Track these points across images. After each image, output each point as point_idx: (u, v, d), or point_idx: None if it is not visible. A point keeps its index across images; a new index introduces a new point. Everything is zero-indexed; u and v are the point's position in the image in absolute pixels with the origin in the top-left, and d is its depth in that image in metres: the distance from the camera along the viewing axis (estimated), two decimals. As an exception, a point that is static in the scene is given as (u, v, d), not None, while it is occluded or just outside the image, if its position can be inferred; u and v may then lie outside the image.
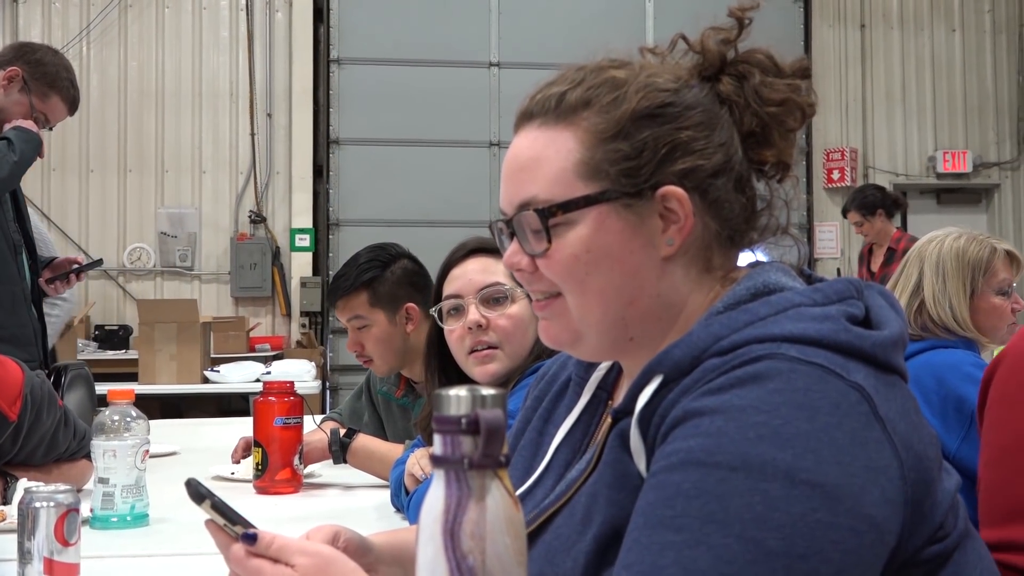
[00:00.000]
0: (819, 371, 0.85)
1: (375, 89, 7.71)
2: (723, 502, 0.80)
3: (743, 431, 0.82)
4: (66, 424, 2.10)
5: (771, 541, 0.79)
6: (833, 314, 0.90)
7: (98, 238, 7.72)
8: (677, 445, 0.85)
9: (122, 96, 7.77)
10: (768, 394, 0.83)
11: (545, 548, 0.96)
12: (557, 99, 1.00)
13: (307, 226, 7.80)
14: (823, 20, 8.55)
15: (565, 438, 1.08)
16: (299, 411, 2.24)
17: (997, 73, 8.80)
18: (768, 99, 1.00)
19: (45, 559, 1.31)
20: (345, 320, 2.55)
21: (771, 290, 0.95)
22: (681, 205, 0.97)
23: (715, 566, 0.78)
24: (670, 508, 0.81)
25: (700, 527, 0.79)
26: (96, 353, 6.82)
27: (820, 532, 0.80)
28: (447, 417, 0.71)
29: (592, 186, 0.97)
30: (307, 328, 7.62)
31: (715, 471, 0.81)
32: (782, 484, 0.80)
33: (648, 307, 0.98)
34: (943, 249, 2.34)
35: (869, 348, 0.89)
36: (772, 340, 0.87)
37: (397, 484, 1.98)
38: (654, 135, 0.97)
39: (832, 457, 0.82)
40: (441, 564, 0.69)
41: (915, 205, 8.87)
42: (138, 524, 1.84)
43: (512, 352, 1.84)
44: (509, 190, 1.02)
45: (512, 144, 1.04)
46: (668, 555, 0.79)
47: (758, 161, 1.02)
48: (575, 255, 0.97)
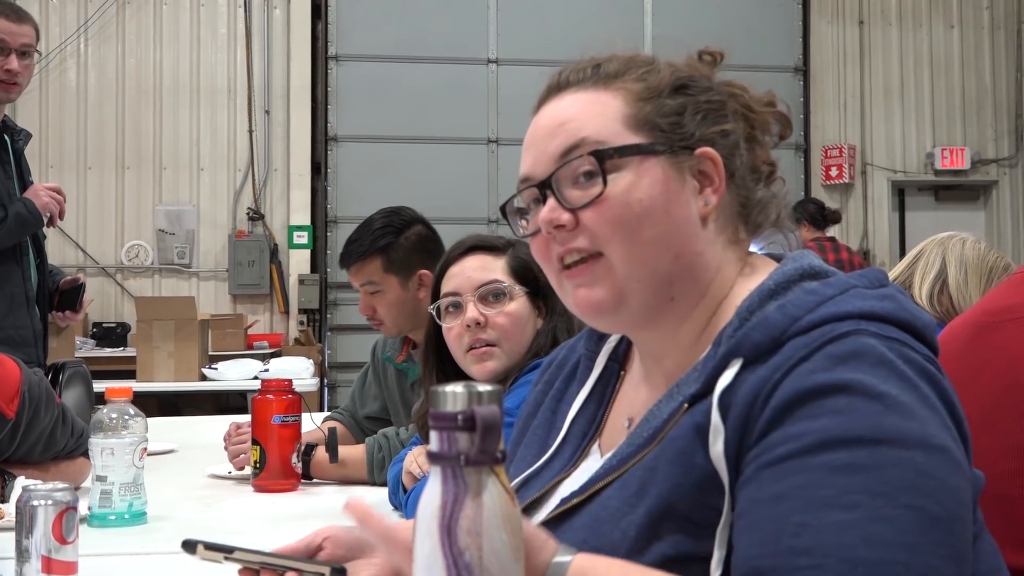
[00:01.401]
0: (899, 346, 0.89)
1: (373, 86, 7.70)
2: (880, 475, 0.81)
3: (870, 405, 0.84)
4: (64, 422, 2.10)
5: (932, 507, 0.81)
6: (889, 294, 0.94)
7: (96, 235, 7.72)
8: (806, 426, 0.85)
9: (120, 93, 7.77)
10: (872, 367, 0.86)
11: (591, 518, 0.96)
12: (592, 68, 1.03)
13: (305, 223, 7.80)
14: (822, 16, 8.55)
15: (580, 411, 1.09)
16: (297, 409, 2.24)
17: (995, 70, 8.81)
18: (757, 109, 1.06)
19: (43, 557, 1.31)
20: (358, 285, 2.55)
21: (817, 273, 0.98)
22: (716, 167, 1.00)
23: (899, 537, 0.79)
24: (831, 487, 0.81)
25: (871, 502, 0.80)
26: (94, 351, 6.82)
27: (959, 494, 0.84)
28: (443, 414, 0.71)
29: (642, 136, 0.99)
30: (305, 325, 7.62)
31: (860, 446, 0.82)
32: (922, 451, 0.83)
33: (691, 264, 0.99)
34: (966, 248, 2.50)
35: (921, 327, 0.93)
36: (850, 317, 0.90)
37: (395, 482, 1.98)
38: (691, 100, 1.02)
39: (941, 423, 0.86)
40: (438, 560, 0.69)
41: (913, 202, 8.87)
42: (136, 522, 1.84)
43: (510, 349, 1.84)
44: (546, 148, 1.01)
45: (540, 114, 1.04)
46: (851, 534, 0.79)
47: (751, 164, 1.05)
48: (627, 202, 0.97)
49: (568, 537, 0.96)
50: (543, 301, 1.87)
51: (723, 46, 1.09)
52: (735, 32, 7.50)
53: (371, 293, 2.53)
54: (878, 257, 8.48)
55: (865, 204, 8.62)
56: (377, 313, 2.54)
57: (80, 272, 7.60)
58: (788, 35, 8.30)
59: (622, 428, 1.05)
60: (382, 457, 2.27)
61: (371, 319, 2.57)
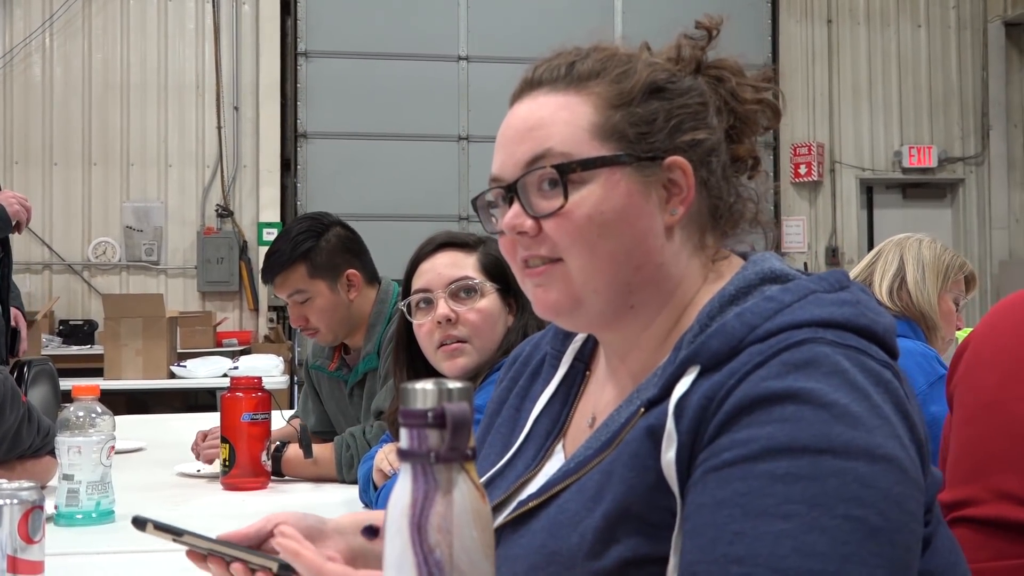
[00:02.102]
0: (855, 353, 0.88)
1: (343, 83, 7.68)
2: (820, 485, 0.81)
3: (817, 414, 0.84)
4: (30, 420, 2.07)
5: (873, 517, 0.81)
6: (848, 299, 0.93)
7: (62, 232, 7.64)
8: (753, 432, 0.85)
9: (86, 89, 7.69)
10: (825, 376, 0.86)
11: (549, 522, 0.96)
12: (567, 67, 1.01)
13: (275, 220, 7.76)
14: (790, 16, 8.61)
15: (544, 410, 1.09)
16: (267, 407, 2.23)
17: (962, 69, 8.90)
18: (744, 99, 1.04)
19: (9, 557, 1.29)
20: (286, 296, 2.51)
21: (777, 276, 0.97)
22: (685, 176, 0.99)
23: (833, 548, 0.79)
24: (770, 496, 0.82)
25: (807, 512, 0.80)
26: (61, 348, 6.76)
27: (903, 503, 0.83)
28: (413, 411, 0.70)
29: (608, 148, 0.98)
30: (275, 323, 7.59)
31: (804, 456, 0.82)
32: (866, 462, 0.82)
33: (651, 275, 0.99)
34: (923, 247, 2.57)
35: (881, 332, 0.92)
36: (807, 325, 0.90)
37: (365, 480, 1.97)
38: (664, 106, 1.00)
39: (891, 432, 0.85)
40: (408, 558, 0.69)
41: (881, 199, 8.96)
42: (103, 521, 1.83)
43: (481, 346, 1.84)
44: (515, 151, 1.00)
45: (513, 111, 1.03)
46: (785, 544, 0.80)
47: (733, 157, 1.04)
48: (589, 215, 0.97)
49: (527, 540, 0.97)
50: (514, 298, 1.87)
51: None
52: (705, 30, 7.52)
53: (301, 303, 2.49)
54: (846, 255, 8.55)
55: (834, 202, 8.68)
56: (310, 323, 2.50)
57: (46, 269, 7.53)
58: (757, 34, 8.35)
59: (586, 428, 1.05)
60: (350, 455, 2.26)
61: (304, 329, 2.53)
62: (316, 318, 2.49)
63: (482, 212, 1.07)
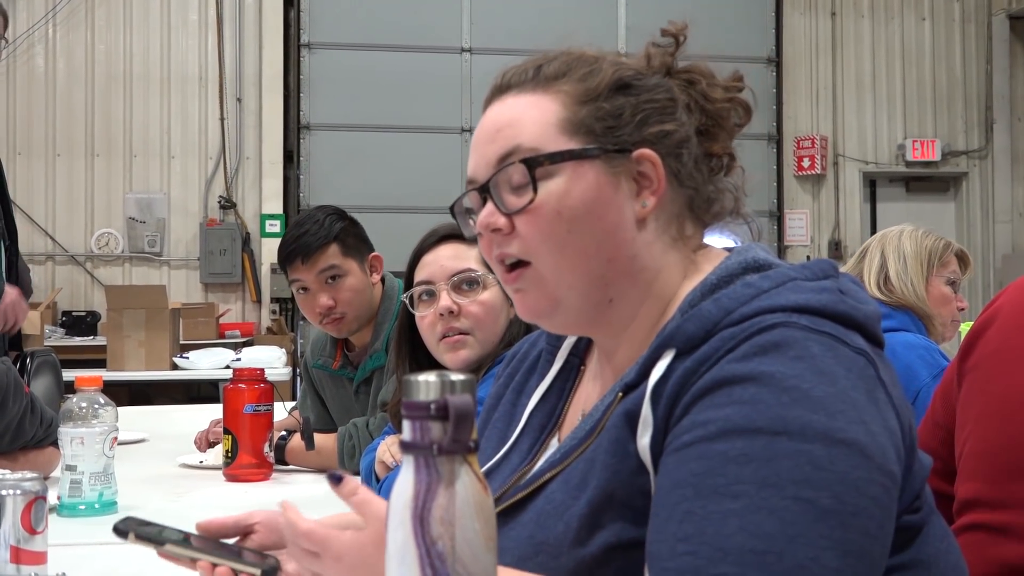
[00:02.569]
0: (828, 339, 0.88)
1: (346, 74, 7.67)
2: (773, 466, 0.82)
3: (777, 396, 0.85)
4: (32, 411, 2.08)
5: (824, 500, 0.81)
6: (828, 287, 0.94)
7: (65, 223, 7.65)
8: (712, 414, 0.86)
9: (89, 80, 7.69)
10: (791, 360, 0.86)
11: (536, 513, 0.97)
12: (534, 70, 1.03)
13: (278, 212, 7.77)
14: (794, 8, 8.59)
15: (538, 404, 1.10)
16: (269, 398, 2.24)
17: (966, 62, 8.88)
18: (715, 98, 1.05)
19: (12, 547, 1.30)
20: (315, 275, 2.45)
21: (760, 266, 0.98)
22: (655, 168, 1.00)
23: (780, 528, 0.80)
24: (722, 476, 0.83)
25: (757, 492, 0.81)
26: (63, 339, 6.77)
27: (863, 488, 0.83)
28: (416, 403, 0.70)
29: (576, 142, 0.99)
30: (277, 314, 7.59)
31: (759, 437, 0.83)
32: (822, 444, 0.83)
33: (626, 267, 1.00)
34: (903, 239, 2.61)
35: (862, 319, 0.93)
36: (782, 310, 0.90)
37: (367, 472, 1.97)
38: (630, 101, 1.01)
39: (857, 417, 0.85)
40: (411, 550, 0.69)
41: (884, 193, 8.94)
42: (106, 512, 1.83)
43: (483, 338, 1.84)
44: (486, 152, 1.02)
45: (484, 116, 1.04)
46: (731, 523, 0.80)
47: (709, 154, 1.06)
48: (557, 210, 0.98)
49: (516, 532, 0.98)
50: None
51: (696, 36, 1.08)
52: (708, 23, 7.50)
53: (332, 282, 2.46)
54: (849, 248, 8.54)
55: (837, 195, 8.67)
56: (337, 306, 2.46)
57: (49, 260, 7.54)
58: (761, 26, 8.33)
59: (579, 422, 1.06)
60: (352, 445, 2.27)
61: (328, 314, 2.46)
62: (346, 299, 2.47)
63: (460, 217, 1.08)
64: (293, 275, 2.50)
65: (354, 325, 2.52)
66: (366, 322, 2.53)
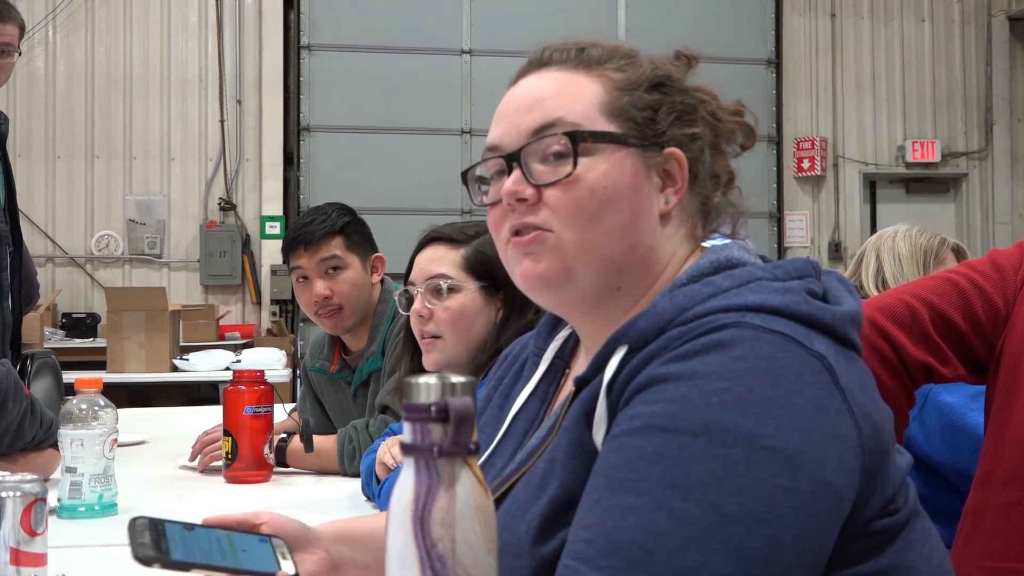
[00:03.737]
0: (782, 339, 0.87)
1: (346, 76, 7.67)
2: (684, 467, 0.82)
3: (706, 397, 0.84)
4: (32, 413, 2.08)
5: (730, 506, 0.80)
6: (794, 288, 0.93)
7: (65, 225, 7.65)
8: (640, 410, 0.86)
9: (89, 82, 7.69)
10: (732, 361, 0.85)
11: (503, 515, 0.96)
12: (577, 51, 1.04)
13: (278, 214, 7.77)
14: (794, 9, 8.59)
15: (523, 407, 1.09)
16: (269, 400, 2.23)
17: (966, 63, 8.88)
18: (723, 118, 1.06)
19: (12, 549, 1.29)
20: (316, 263, 2.46)
21: (733, 265, 0.98)
22: (681, 168, 1.01)
23: (675, 530, 0.80)
24: (632, 471, 0.83)
25: (661, 491, 0.81)
26: (63, 341, 6.76)
27: (779, 497, 0.81)
28: (417, 405, 0.70)
29: (616, 126, 1.00)
30: (277, 316, 7.59)
31: (677, 436, 0.83)
32: (743, 450, 0.82)
33: (642, 257, 1.00)
34: (897, 240, 2.59)
35: (829, 320, 0.91)
36: (736, 310, 0.89)
37: (368, 473, 1.97)
38: (666, 99, 1.03)
39: (793, 424, 0.83)
40: (411, 552, 0.69)
41: (884, 194, 8.94)
42: (106, 513, 1.83)
43: (455, 341, 1.85)
44: (521, 120, 1.01)
45: (518, 86, 1.05)
46: (629, 518, 0.81)
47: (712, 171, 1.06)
48: (593, 187, 0.98)
49: None
50: (504, 295, 1.86)
51: (696, 38, 1.09)
52: (708, 24, 7.52)
53: (331, 274, 2.47)
54: (849, 249, 8.53)
55: (836, 196, 8.67)
56: (333, 297, 2.46)
57: (49, 262, 7.53)
58: (760, 27, 8.33)
59: None
60: (352, 448, 2.27)
61: (324, 305, 2.46)
62: (343, 292, 2.47)
63: (471, 184, 1.07)
64: (295, 262, 2.50)
65: (349, 321, 2.51)
66: (361, 321, 2.52)
